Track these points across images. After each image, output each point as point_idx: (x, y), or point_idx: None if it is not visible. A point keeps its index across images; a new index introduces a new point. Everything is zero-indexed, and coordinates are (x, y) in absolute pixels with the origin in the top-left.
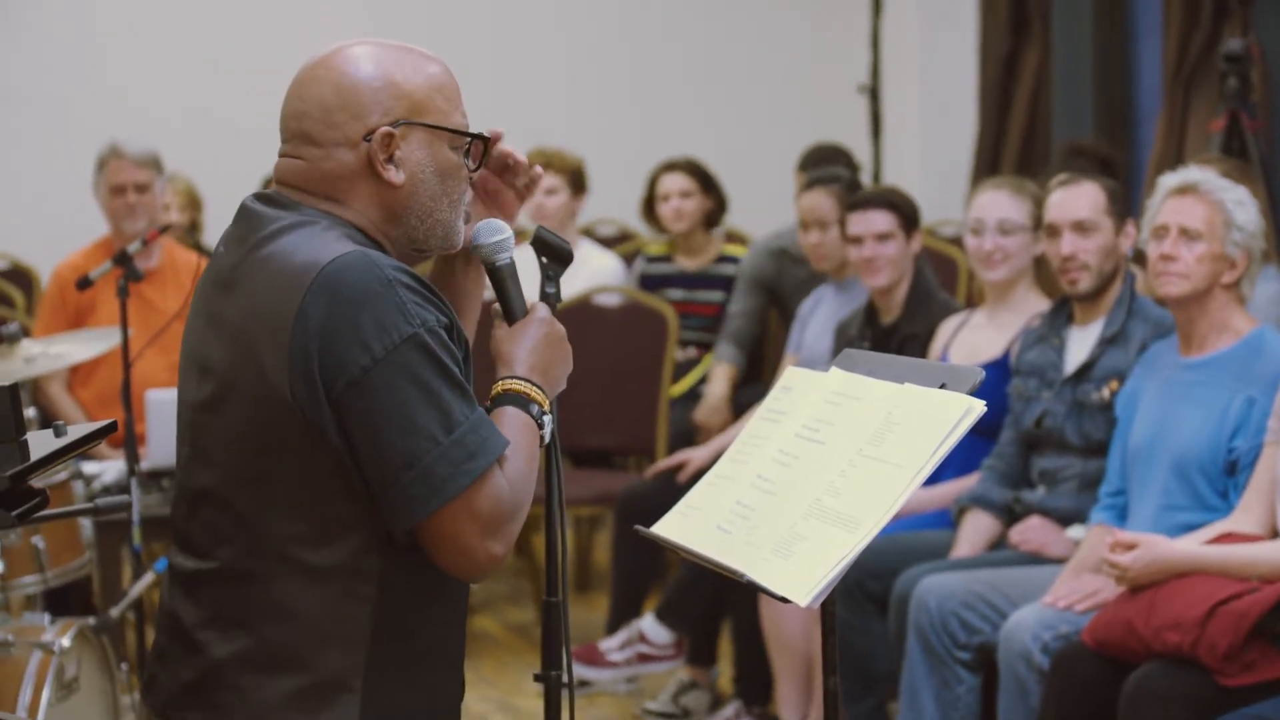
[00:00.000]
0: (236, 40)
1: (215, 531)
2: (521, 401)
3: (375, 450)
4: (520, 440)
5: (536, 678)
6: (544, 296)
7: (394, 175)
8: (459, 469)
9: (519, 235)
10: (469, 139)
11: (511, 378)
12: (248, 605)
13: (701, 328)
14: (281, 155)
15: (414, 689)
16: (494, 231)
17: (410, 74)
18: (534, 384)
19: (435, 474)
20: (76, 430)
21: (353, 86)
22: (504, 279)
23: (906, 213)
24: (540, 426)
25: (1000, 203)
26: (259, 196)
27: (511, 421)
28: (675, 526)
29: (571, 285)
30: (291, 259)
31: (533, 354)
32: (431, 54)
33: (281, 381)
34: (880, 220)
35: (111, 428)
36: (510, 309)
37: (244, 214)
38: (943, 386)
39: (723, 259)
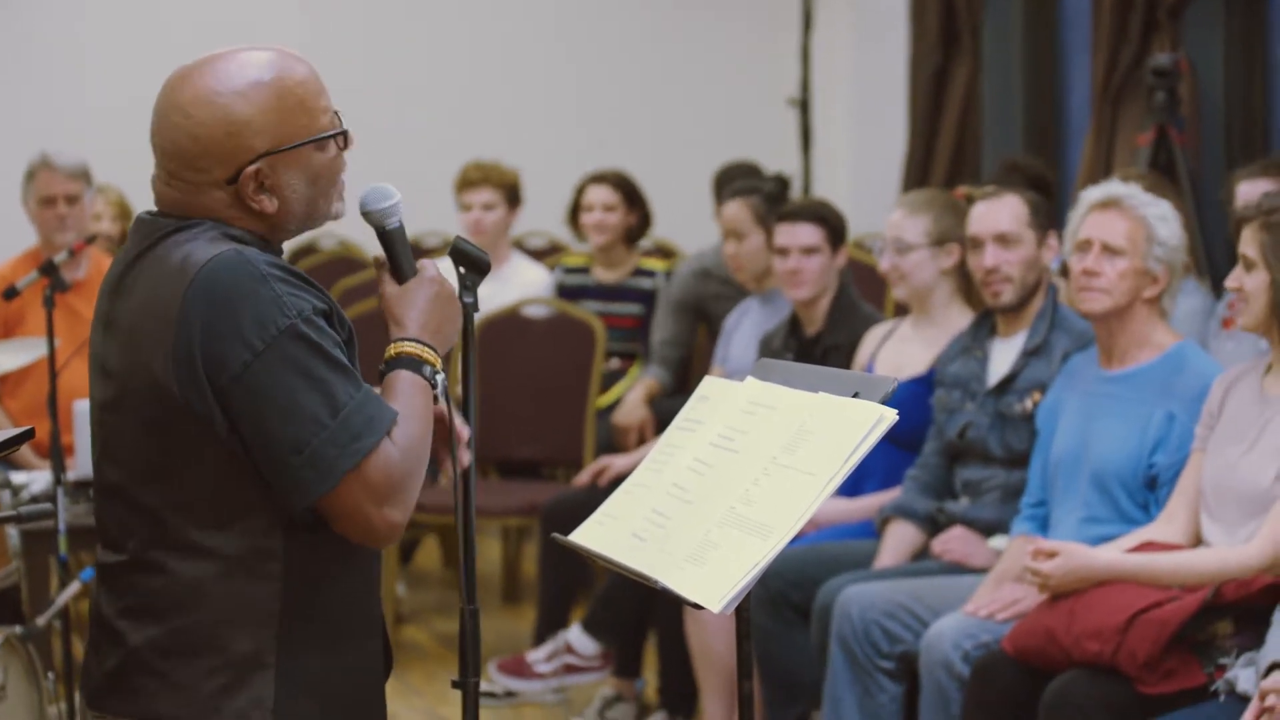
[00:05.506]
0: (172, 49)
1: (123, 525)
2: (414, 364)
3: (264, 439)
4: (413, 405)
5: (454, 684)
6: (462, 308)
7: (267, 204)
8: (346, 449)
9: (441, 246)
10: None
11: (404, 339)
12: (157, 594)
13: (621, 339)
14: (158, 179)
15: (330, 662)
16: (382, 197)
17: (263, 105)
18: (425, 344)
19: (324, 456)
20: None
21: (209, 136)
22: (394, 242)
23: (835, 227)
24: (433, 386)
25: (896, 222)
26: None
27: (405, 386)
28: (592, 534)
29: (502, 298)
30: (172, 262)
31: (424, 313)
32: (288, 59)
33: (169, 380)
34: (808, 234)
35: (29, 434)
36: (400, 270)
37: (137, 224)
38: (856, 395)
39: (640, 272)
